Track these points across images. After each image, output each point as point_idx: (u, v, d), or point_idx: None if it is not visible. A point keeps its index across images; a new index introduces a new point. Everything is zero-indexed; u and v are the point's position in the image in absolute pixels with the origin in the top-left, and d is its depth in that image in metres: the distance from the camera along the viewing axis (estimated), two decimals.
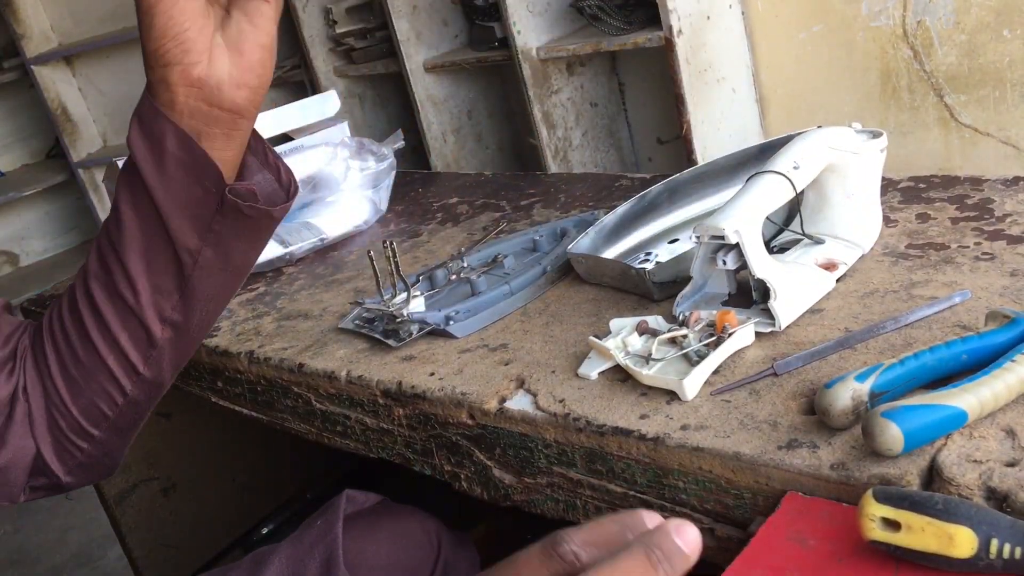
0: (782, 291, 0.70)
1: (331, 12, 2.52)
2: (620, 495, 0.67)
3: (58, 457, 0.72)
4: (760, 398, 0.64)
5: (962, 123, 1.78)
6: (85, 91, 3.61)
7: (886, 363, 0.58)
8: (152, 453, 1.40)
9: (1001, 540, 0.45)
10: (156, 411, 1.39)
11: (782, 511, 0.55)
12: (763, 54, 1.95)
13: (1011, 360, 0.55)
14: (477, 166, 2.49)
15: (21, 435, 0.70)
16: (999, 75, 1.70)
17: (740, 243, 0.69)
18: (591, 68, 2.22)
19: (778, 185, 0.72)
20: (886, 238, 0.82)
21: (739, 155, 0.97)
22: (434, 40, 2.38)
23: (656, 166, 2.35)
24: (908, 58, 1.78)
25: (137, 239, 0.65)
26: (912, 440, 0.52)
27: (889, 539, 0.47)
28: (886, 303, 0.71)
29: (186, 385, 1.05)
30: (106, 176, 1.14)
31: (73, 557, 2.20)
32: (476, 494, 0.78)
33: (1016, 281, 0.70)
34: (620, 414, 0.66)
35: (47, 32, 3.49)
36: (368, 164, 1.20)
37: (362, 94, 2.70)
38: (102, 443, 0.74)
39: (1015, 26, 1.65)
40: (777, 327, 0.70)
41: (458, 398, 0.74)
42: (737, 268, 0.72)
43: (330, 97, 1.28)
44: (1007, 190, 0.86)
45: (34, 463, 0.72)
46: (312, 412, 0.89)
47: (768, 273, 0.70)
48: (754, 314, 0.72)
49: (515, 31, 2.02)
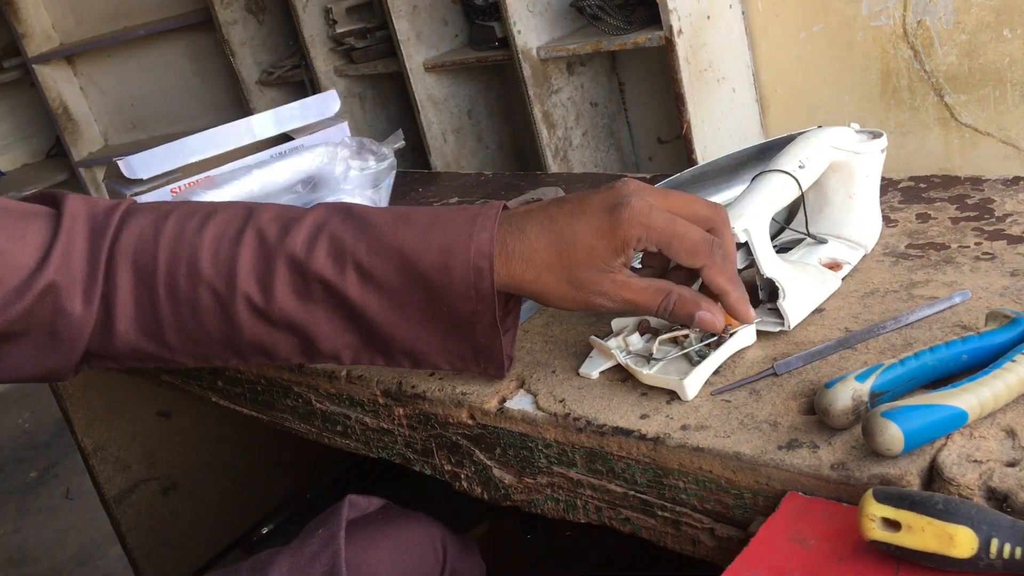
0: (791, 290, 0.70)
1: (331, 12, 2.52)
2: (620, 495, 0.67)
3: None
4: (760, 398, 0.64)
5: (962, 123, 1.78)
6: (86, 90, 3.61)
7: (886, 363, 0.58)
8: (152, 453, 1.40)
9: (1001, 540, 0.45)
10: (156, 411, 1.40)
11: (782, 511, 0.55)
12: (763, 54, 1.95)
13: (1011, 360, 0.55)
14: (477, 166, 2.49)
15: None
16: (999, 75, 1.70)
17: (749, 242, 0.69)
18: (591, 68, 2.22)
19: (785, 184, 0.72)
20: (886, 238, 0.82)
21: (739, 155, 0.97)
22: (434, 40, 2.38)
23: (656, 166, 2.36)
24: (908, 58, 1.78)
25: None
26: (912, 440, 0.52)
27: (889, 539, 0.47)
28: (886, 303, 0.71)
29: (186, 385, 1.05)
30: (107, 175, 1.13)
31: (73, 557, 2.20)
32: (476, 494, 0.78)
33: (1016, 281, 0.70)
34: (620, 414, 0.66)
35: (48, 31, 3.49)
36: (368, 164, 1.20)
37: (362, 94, 2.70)
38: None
39: (1015, 26, 1.65)
40: (786, 327, 0.70)
41: (458, 398, 0.74)
42: (743, 267, 0.72)
43: (330, 97, 1.28)
44: (1007, 190, 0.86)
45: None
46: (312, 412, 0.90)
47: (777, 272, 0.70)
48: (761, 314, 0.72)
49: (515, 31, 2.02)
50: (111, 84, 3.54)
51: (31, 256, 0.65)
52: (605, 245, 0.61)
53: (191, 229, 0.67)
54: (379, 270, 0.64)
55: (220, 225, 0.67)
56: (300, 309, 0.66)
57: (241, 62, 2.86)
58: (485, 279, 0.62)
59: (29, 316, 0.65)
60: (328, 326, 0.66)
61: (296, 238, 0.65)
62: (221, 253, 0.66)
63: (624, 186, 0.63)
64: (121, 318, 0.67)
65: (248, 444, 1.49)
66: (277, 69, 2.86)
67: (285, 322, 0.66)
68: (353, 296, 0.64)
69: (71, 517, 2.38)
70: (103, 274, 0.66)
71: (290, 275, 0.65)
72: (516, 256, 0.62)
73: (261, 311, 0.66)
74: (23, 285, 0.64)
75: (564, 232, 0.62)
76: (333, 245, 0.64)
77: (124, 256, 0.67)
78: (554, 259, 0.62)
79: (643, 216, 0.61)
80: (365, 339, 0.67)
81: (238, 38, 2.84)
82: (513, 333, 0.69)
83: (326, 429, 0.89)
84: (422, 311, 0.65)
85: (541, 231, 0.62)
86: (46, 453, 2.78)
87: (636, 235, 0.61)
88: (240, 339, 0.68)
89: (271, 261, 0.65)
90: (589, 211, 0.62)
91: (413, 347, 0.67)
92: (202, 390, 1.03)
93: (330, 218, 0.66)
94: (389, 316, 0.65)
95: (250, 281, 0.65)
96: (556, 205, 0.63)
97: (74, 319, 0.66)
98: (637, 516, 0.66)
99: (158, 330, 0.68)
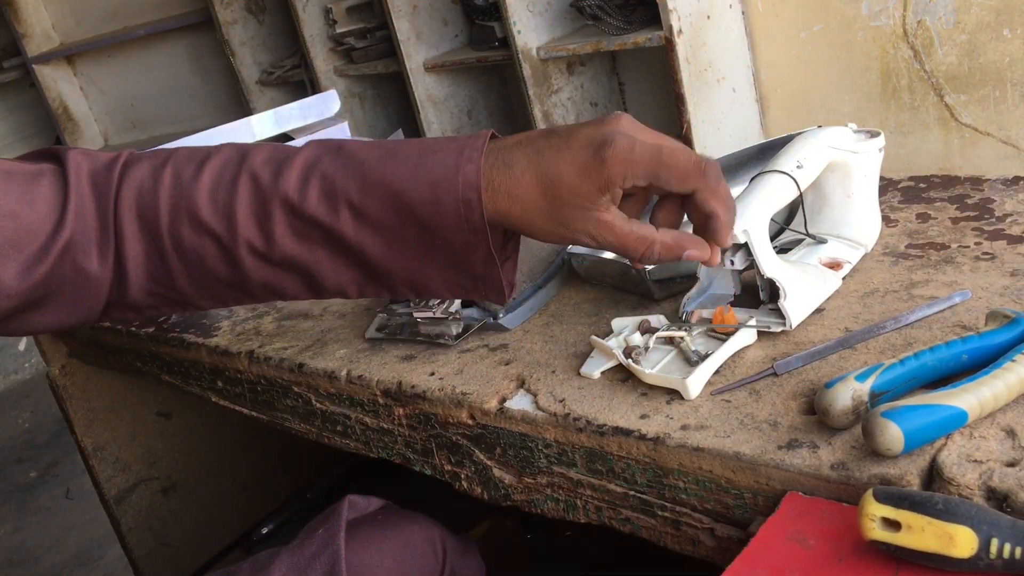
0: (792, 291, 0.70)
1: (331, 12, 2.52)
2: (620, 495, 0.67)
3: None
4: (760, 398, 0.64)
5: (962, 123, 1.78)
6: (86, 90, 3.61)
7: (886, 363, 0.58)
8: (152, 453, 1.40)
9: (1001, 540, 0.45)
10: (156, 411, 1.40)
11: (782, 511, 0.55)
12: (763, 54, 1.95)
13: (1011, 360, 0.55)
14: None
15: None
16: (999, 75, 1.70)
17: (748, 242, 0.69)
18: (591, 68, 2.22)
19: (783, 185, 0.72)
20: (886, 238, 0.82)
21: (739, 155, 0.97)
22: (434, 40, 2.38)
23: None
24: (908, 58, 1.78)
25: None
26: (912, 440, 0.52)
27: (889, 539, 0.47)
28: (886, 303, 0.71)
29: (186, 385, 1.05)
30: None
31: (73, 557, 2.20)
32: (476, 494, 0.78)
33: (1016, 281, 0.70)
34: (620, 414, 0.66)
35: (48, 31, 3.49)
36: None
37: (362, 94, 2.70)
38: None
39: (1015, 26, 1.65)
40: (788, 326, 0.70)
41: (458, 398, 0.74)
42: (743, 268, 0.72)
43: (330, 97, 1.28)
44: (1007, 190, 0.86)
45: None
46: (312, 412, 0.89)
47: (777, 273, 0.70)
48: (762, 314, 0.72)
49: (515, 31, 2.02)
50: (111, 84, 3.54)
51: (47, 218, 0.65)
52: (590, 184, 0.60)
53: (187, 177, 0.68)
54: (372, 208, 0.64)
55: (215, 171, 0.68)
56: (300, 250, 0.66)
57: (241, 62, 2.86)
58: (475, 211, 0.62)
59: (51, 277, 0.66)
60: (330, 264, 0.67)
61: (288, 180, 0.65)
62: (219, 200, 0.67)
63: (613, 121, 0.62)
64: (133, 270, 0.68)
65: (248, 444, 1.49)
66: (277, 69, 2.86)
67: (288, 263, 0.67)
68: (349, 235, 0.65)
69: (71, 517, 2.38)
70: (113, 230, 0.67)
71: (287, 218, 0.66)
72: (502, 191, 0.62)
73: (263, 255, 0.67)
74: (43, 248, 0.65)
75: (550, 169, 0.61)
76: (325, 186, 0.65)
77: (128, 209, 0.67)
78: (539, 196, 0.61)
79: (627, 153, 0.60)
80: (367, 274, 0.68)
81: (238, 38, 2.84)
82: (514, 260, 0.69)
83: (326, 429, 0.89)
84: (417, 245, 0.65)
85: (527, 166, 0.62)
86: (46, 453, 2.78)
87: (621, 173, 0.60)
88: (247, 281, 0.69)
89: (267, 205, 0.66)
90: (575, 147, 0.61)
91: (413, 279, 0.68)
92: (202, 390, 1.03)
93: (321, 157, 0.66)
94: (386, 252, 0.66)
95: (249, 226, 0.66)
96: (544, 138, 0.63)
97: (92, 276, 0.67)
98: (637, 516, 0.66)
99: (169, 279, 0.69)
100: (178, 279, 0.69)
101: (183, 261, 0.68)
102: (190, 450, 1.44)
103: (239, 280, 0.69)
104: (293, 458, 1.55)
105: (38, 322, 0.69)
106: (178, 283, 0.69)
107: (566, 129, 0.63)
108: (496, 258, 0.64)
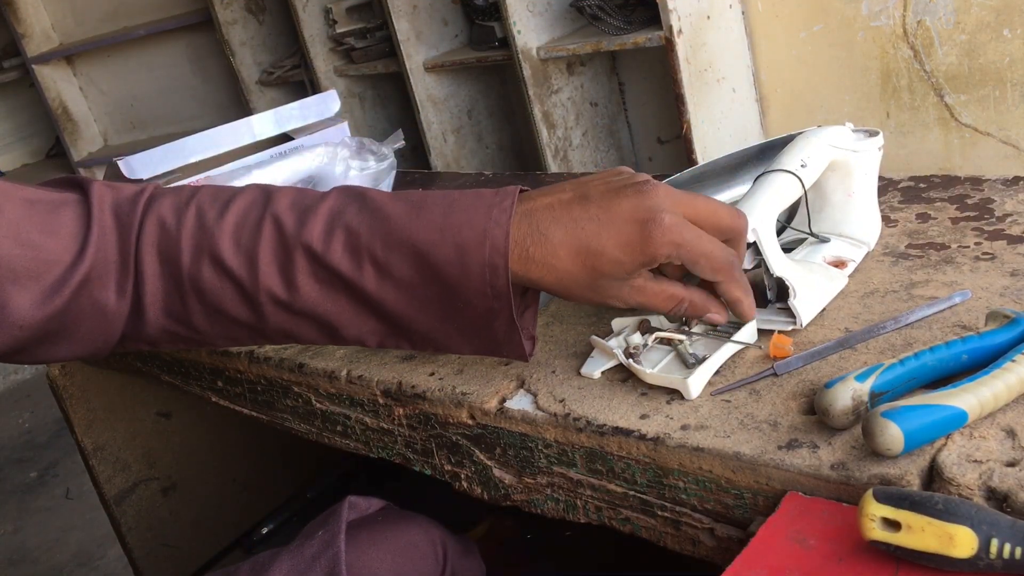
0: (801, 289, 0.70)
1: (331, 12, 2.53)
2: (620, 495, 0.67)
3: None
4: (760, 398, 0.64)
5: (962, 123, 1.78)
6: (86, 90, 3.61)
7: (886, 363, 0.58)
8: (152, 453, 1.40)
9: (1001, 540, 0.45)
10: (156, 411, 1.40)
11: (782, 511, 0.55)
12: (763, 54, 1.95)
13: (1011, 360, 0.55)
14: (477, 166, 2.50)
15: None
16: (999, 75, 1.70)
17: (757, 241, 0.69)
18: (591, 68, 2.22)
19: (788, 184, 0.72)
20: (886, 238, 0.82)
21: (739, 155, 0.97)
22: (434, 40, 2.38)
23: (656, 166, 2.36)
24: (908, 58, 1.78)
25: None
26: (912, 440, 0.52)
27: (889, 539, 0.47)
28: (886, 303, 0.71)
29: (186, 385, 1.05)
30: (106, 175, 1.13)
31: (73, 557, 2.20)
32: (476, 494, 0.78)
33: (1016, 281, 0.70)
34: (620, 414, 0.66)
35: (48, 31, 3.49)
36: (368, 164, 1.20)
37: (362, 94, 2.70)
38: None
39: (1015, 26, 1.65)
40: (799, 325, 0.70)
41: (458, 398, 0.74)
42: (751, 268, 0.72)
43: (330, 97, 1.28)
44: (1007, 190, 0.86)
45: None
46: (312, 412, 0.90)
47: (786, 272, 0.70)
48: (771, 313, 0.72)
49: (515, 31, 2.02)
50: (111, 84, 3.54)
51: (67, 249, 0.65)
52: (632, 260, 0.61)
53: (211, 217, 0.68)
54: (395, 265, 0.64)
55: (239, 213, 0.67)
56: (321, 299, 0.66)
57: (241, 62, 2.86)
58: (500, 277, 0.62)
59: (67, 310, 0.65)
60: (350, 315, 0.67)
61: (313, 230, 0.65)
62: (242, 243, 0.67)
63: (653, 193, 0.61)
64: (151, 306, 0.68)
65: (248, 444, 1.49)
66: (277, 69, 2.86)
67: (308, 311, 0.67)
68: (371, 291, 0.65)
69: (71, 517, 2.38)
70: (133, 265, 0.67)
71: (310, 266, 0.65)
72: (537, 260, 0.62)
73: (284, 302, 0.67)
74: (60, 279, 0.64)
75: (591, 243, 0.61)
76: (349, 238, 0.65)
77: (149, 246, 0.67)
78: (577, 268, 0.62)
79: (675, 235, 0.60)
80: (388, 328, 0.68)
81: (238, 38, 2.84)
82: (534, 309, 0.69)
83: (326, 429, 0.89)
84: (440, 305, 0.65)
85: (564, 237, 0.61)
86: (46, 453, 2.78)
87: (666, 253, 0.61)
88: (265, 326, 0.69)
89: (290, 253, 0.65)
90: (618, 221, 0.61)
91: (434, 337, 0.68)
92: (202, 390, 1.03)
93: (346, 207, 0.66)
94: (408, 310, 0.66)
95: (271, 273, 0.66)
96: (580, 206, 0.62)
97: (109, 309, 0.67)
98: (637, 516, 0.66)
99: (187, 317, 0.69)
100: (195, 318, 0.69)
101: (202, 301, 0.68)
102: (190, 450, 1.44)
103: (257, 323, 0.69)
104: (293, 458, 1.55)
105: (51, 353, 0.69)
106: (195, 321, 0.69)
107: (600, 195, 0.63)
108: (518, 325, 0.64)
